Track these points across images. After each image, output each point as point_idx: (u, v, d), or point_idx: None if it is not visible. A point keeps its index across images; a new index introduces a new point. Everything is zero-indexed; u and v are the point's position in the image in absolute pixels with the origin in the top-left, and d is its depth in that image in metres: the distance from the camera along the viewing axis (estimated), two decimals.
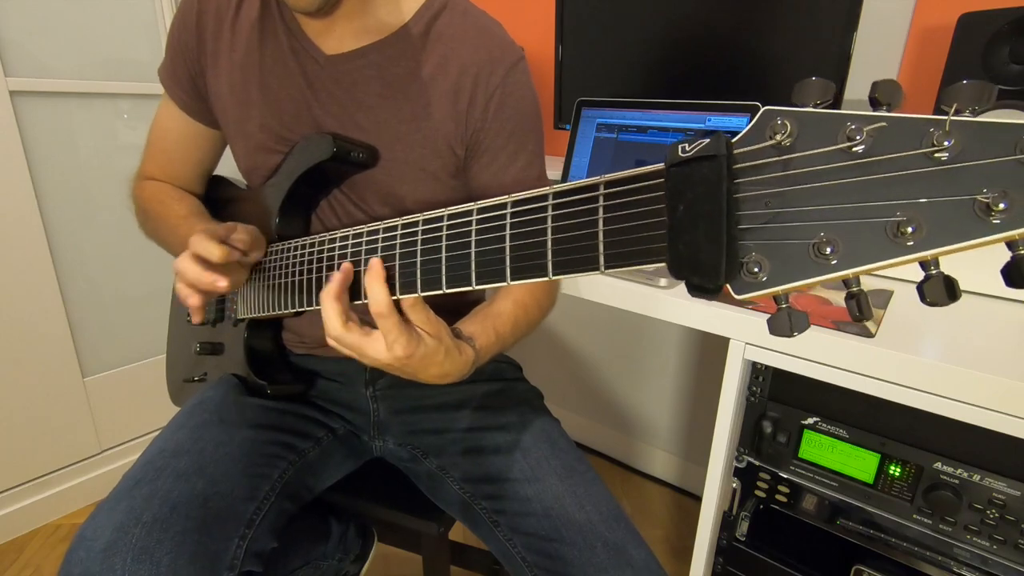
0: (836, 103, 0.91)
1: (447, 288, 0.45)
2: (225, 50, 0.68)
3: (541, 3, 1.37)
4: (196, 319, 0.62)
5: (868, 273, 0.27)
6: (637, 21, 1.07)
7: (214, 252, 0.56)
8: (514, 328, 0.64)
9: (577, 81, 1.18)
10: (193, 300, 0.59)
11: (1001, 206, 0.24)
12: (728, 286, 0.31)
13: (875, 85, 0.27)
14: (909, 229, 0.25)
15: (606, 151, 0.99)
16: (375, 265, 0.48)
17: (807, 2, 0.89)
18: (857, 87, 0.90)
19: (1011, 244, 0.24)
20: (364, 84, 0.65)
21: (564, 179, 1.02)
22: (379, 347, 0.49)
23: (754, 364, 0.75)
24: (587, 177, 1.11)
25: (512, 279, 0.40)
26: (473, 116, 0.66)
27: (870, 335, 0.63)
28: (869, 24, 0.90)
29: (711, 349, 1.37)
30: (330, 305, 0.50)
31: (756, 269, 0.29)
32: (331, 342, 0.51)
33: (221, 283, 0.57)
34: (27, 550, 1.31)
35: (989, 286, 0.74)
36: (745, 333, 0.70)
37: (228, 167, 0.83)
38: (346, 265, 0.52)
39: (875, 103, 0.27)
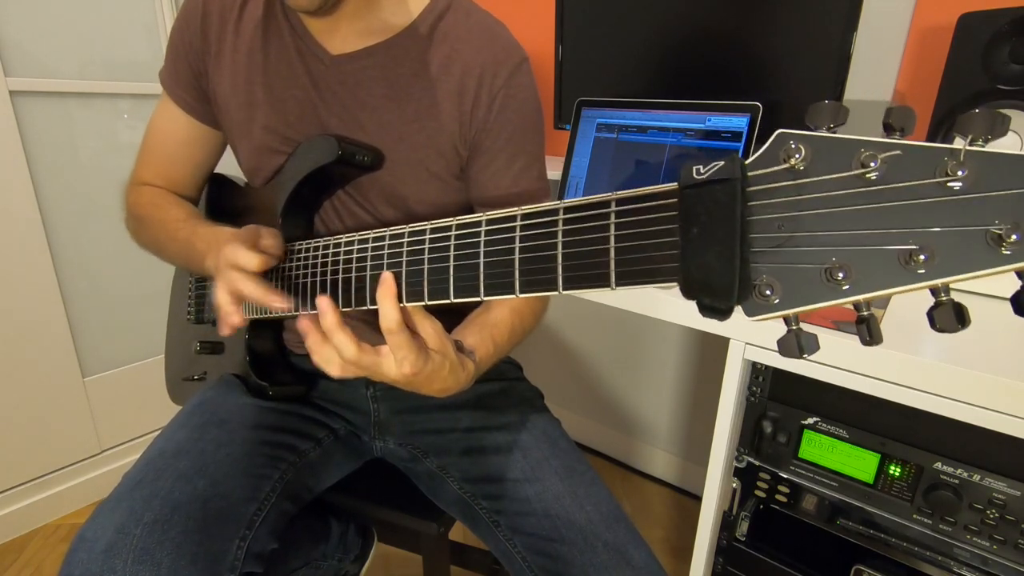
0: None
1: (455, 298, 0.44)
2: (229, 51, 0.68)
3: (541, 3, 1.37)
4: (226, 332, 0.57)
5: (879, 299, 0.27)
6: (637, 21, 1.07)
7: (252, 262, 0.53)
8: (511, 337, 0.64)
9: (577, 81, 1.18)
10: (237, 319, 0.55)
11: (1013, 238, 0.24)
12: (740, 307, 0.31)
13: (889, 111, 0.27)
14: (921, 257, 0.26)
15: (606, 151, 0.99)
16: (387, 280, 0.47)
17: (807, 2, 0.89)
18: (857, 87, 0.90)
19: (1021, 274, 0.25)
20: (369, 84, 0.65)
21: (564, 179, 1.02)
22: (390, 364, 0.48)
23: (754, 364, 0.75)
24: (587, 177, 1.11)
25: (521, 292, 0.40)
26: (477, 117, 0.66)
27: None
28: (869, 24, 0.89)
29: (711, 349, 1.37)
30: (340, 336, 0.47)
31: (768, 292, 0.30)
32: (341, 370, 0.49)
33: (279, 304, 0.53)
34: (27, 550, 1.32)
35: (990, 287, 0.74)
36: (745, 333, 0.70)
37: (229, 167, 0.83)
38: (323, 300, 0.48)
39: (889, 128, 0.27)
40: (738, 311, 0.31)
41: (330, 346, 0.48)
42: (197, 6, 0.68)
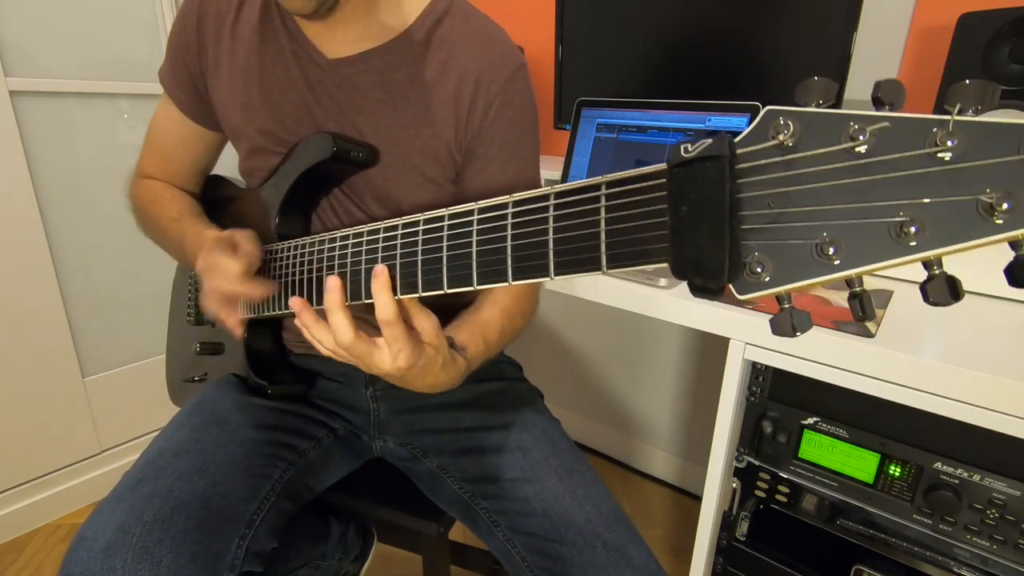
0: (836, 104, 0.91)
1: (448, 288, 0.44)
2: (225, 53, 0.68)
3: (541, 3, 1.37)
4: (239, 332, 0.66)
5: (871, 273, 0.27)
6: (637, 21, 1.07)
7: (234, 268, 0.58)
8: (500, 336, 0.64)
9: (577, 81, 1.18)
10: (236, 318, 0.63)
11: (1004, 206, 0.23)
12: (731, 286, 0.31)
13: (878, 85, 0.27)
14: (912, 229, 0.25)
15: (606, 151, 0.99)
16: (382, 273, 0.47)
17: (807, 2, 0.89)
18: (857, 87, 0.90)
19: (1014, 244, 0.24)
20: (365, 89, 0.65)
21: (564, 179, 1.02)
22: (385, 356, 0.48)
23: (754, 364, 0.75)
24: (586, 177, 1.11)
25: (514, 279, 0.40)
26: (472, 123, 0.66)
27: (870, 335, 0.63)
28: (869, 24, 0.90)
29: (711, 349, 1.37)
30: (339, 316, 0.48)
31: (759, 269, 0.29)
32: (332, 351, 0.50)
33: (264, 290, 0.60)
34: (27, 550, 1.31)
35: (989, 286, 0.74)
36: (745, 333, 0.70)
37: (228, 166, 0.83)
38: (333, 279, 0.49)
39: (878, 103, 0.27)
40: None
41: (324, 326, 0.49)
42: (193, 8, 0.68)
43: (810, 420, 0.73)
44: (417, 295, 0.47)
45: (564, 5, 1.15)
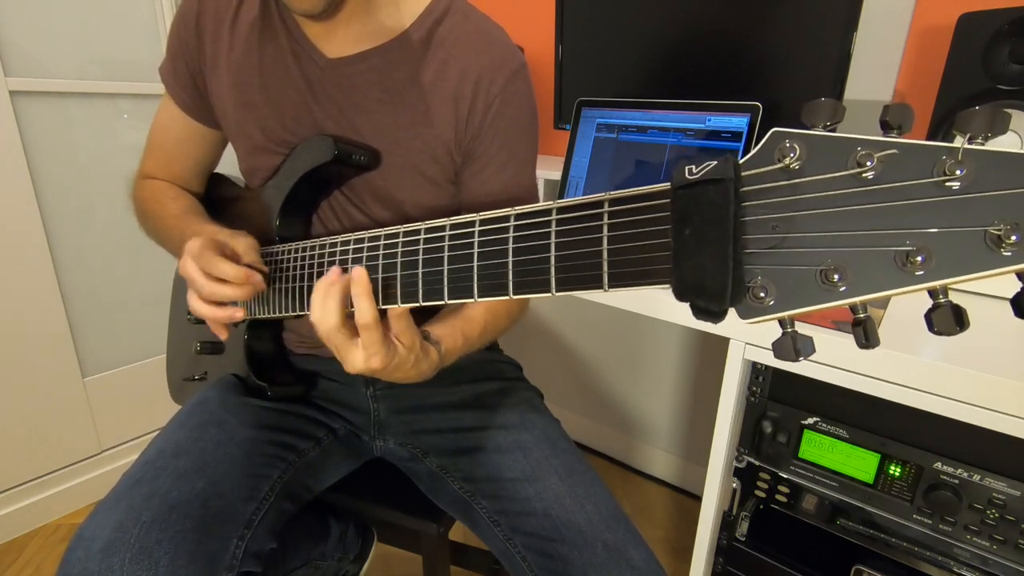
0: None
1: (449, 299, 0.44)
2: (224, 51, 0.68)
3: (541, 3, 1.37)
4: (224, 336, 0.63)
5: (875, 301, 0.27)
6: (637, 21, 1.07)
7: (228, 272, 0.56)
8: (482, 333, 0.64)
9: (577, 81, 1.18)
10: (222, 314, 0.59)
11: (1013, 238, 0.23)
12: (733, 310, 0.30)
13: (886, 109, 0.27)
14: (918, 259, 0.25)
15: (606, 151, 0.99)
16: (361, 278, 0.47)
17: (807, 2, 0.89)
18: (857, 87, 0.90)
19: (1021, 275, 0.24)
20: (365, 88, 0.65)
21: (564, 179, 1.02)
22: (358, 356, 0.49)
23: (754, 364, 0.75)
24: (587, 177, 1.10)
25: (515, 293, 0.40)
26: (472, 123, 0.66)
27: None
28: (869, 24, 0.89)
29: (711, 349, 1.37)
30: (332, 301, 0.48)
31: (762, 294, 0.29)
32: (320, 332, 0.50)
33: (238, 315, 0.59)
34: (27, 550, 1.31)
35: (990, 287, 0.74)
36: (745, 333, 0.70)
37: (229, 166, 0.83)
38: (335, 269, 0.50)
39: (886, 127, 0.27)
40: (732, 313, 0.31)
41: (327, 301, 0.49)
42: (193, 5, 0.68)
43: (810, 420, 0.73)
44: (418, 304, 0.47)
45: (564, 5, 1.15)
